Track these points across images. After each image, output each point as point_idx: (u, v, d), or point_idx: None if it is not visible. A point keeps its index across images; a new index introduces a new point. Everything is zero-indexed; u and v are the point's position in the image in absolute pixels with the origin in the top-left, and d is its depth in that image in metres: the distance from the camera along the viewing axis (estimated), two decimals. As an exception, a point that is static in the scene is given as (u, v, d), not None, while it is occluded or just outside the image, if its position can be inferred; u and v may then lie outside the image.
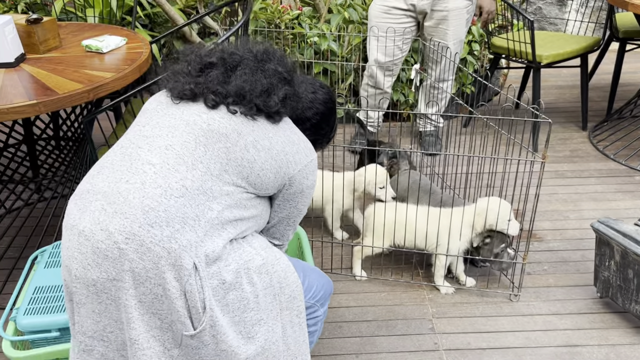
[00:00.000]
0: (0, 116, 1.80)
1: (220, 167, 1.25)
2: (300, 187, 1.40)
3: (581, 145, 3.42)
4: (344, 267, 2.43)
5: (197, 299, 1.19)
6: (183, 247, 1.17)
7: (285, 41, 3.59)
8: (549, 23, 5.00)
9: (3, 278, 2.33)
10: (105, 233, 1.18)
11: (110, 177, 1.24)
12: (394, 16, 3.01)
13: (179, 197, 1.20)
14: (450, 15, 2.94)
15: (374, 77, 3.17)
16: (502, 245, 2.18)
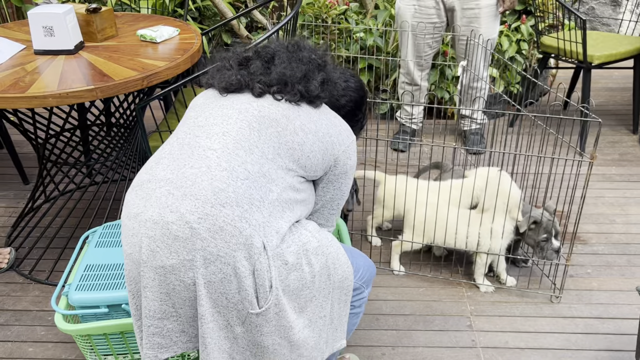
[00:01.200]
0: (60, 100, 1.89)
1: (273, 150, 1.30)
2: (344, 168, 1.45)
3: (631, 148, 3.33)
4: (383, 261, 2.45)
5: (265, 277, 1.23)
6: (253, 226, 1.22)
7: (331, 36, 3.61)
8: (602, 23, 4.87)
9: (55, 256, 2.44)
10: (176, 215, 1.22)
11: (171, 165, 1.28)
12: (424, 14, 2.99)
13: (244, 179, 1.24)
14: (482, 13, 2.91)
15: (410, 74, 3.17)
16: (545, 235, 2.14)
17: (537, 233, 2.16)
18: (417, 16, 3.01)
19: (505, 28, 3.62)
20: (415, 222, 2.28)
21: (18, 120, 2.36)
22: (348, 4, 3.72)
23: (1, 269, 2.37)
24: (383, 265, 2.42)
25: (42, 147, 2.40)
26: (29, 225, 2.61)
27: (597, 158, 3.20)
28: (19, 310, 2.20)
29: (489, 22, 2.95)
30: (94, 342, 1.82)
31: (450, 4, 2.95)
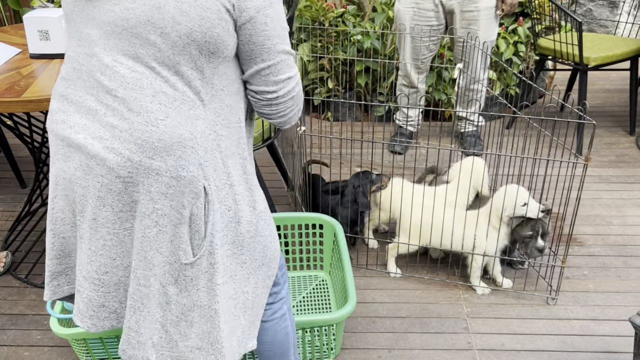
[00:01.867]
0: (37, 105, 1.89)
1: (171, 56, 1.13)
2: (255, 7, 1.14)
3: (628, 150, 3.33)
4: (379, 264, 2.45)
5: (201, 223, 1.20)
6: (191, 173, 1.17)
7: (328, 39, 3.62)
8: (599, 25, 4.88)
9: (52, 260, 2.44)
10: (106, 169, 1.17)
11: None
12: (423, 17, 3.00)
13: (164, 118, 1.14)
14: (481, 16, 2.91)
15: (408, 77, 3.18)
16: (530, 232, 2.14)
17: (523, 228, 2.16)
18: (416, 18, 3.01)
19: (503, 30, 3.62)
20: (410, 225, 2.28)
21: (14, 124, 2.36)
22: (345, 6, 3.72)
23: (-2, 272, 2.37)
24: (380, 267, 2.42)
25: (39, 150, 2.40)
26: (26, 229, 2.61)
27: (591, 160, 3.20)
28: (15, 314, 2.20)
29: (487, 24, 2.95)
30: (89, 346, 1.83)
31: (449, 7, 2.95)
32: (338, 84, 3.68)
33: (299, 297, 2.23)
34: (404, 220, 2.31)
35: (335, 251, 2.22)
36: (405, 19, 3.04)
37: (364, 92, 3.70)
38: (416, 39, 3.06)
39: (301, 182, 2.52)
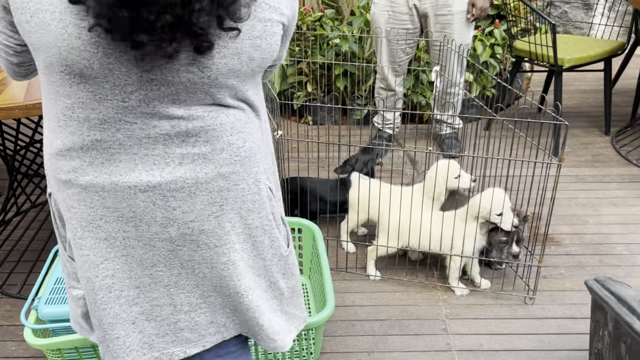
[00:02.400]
0: (27, 111, 1.87)
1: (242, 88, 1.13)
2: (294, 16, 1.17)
3: (603, 150, 3.38)
4: (359, 267, 2.45)
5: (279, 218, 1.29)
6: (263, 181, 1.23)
7: (306, 42, 3.62)
8: (575, 27, 4.95)
9: (27, 269, 2.41)
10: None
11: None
12: (397, 20, 3.02)
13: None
14: (454, 19, 2.93)
15: (386, 80, 3.19)
16: (504, 238, 2.16)
17: (497, 233, 2.19)
18: (391, 22, 3.03)
19: (479, 32, 3.66)
20: (389, 226, 2.29)
21: (-13, 132, 2.33)
22: (323, 10, 3.73)
23: (-29, 283, 2.33)
24: (359, 270, 2.43)
25: (12, 159, 2.37)
26: (0, 238, 2.58)
27: (565, 160, 3.24)
28: (-11, 325, 2.16)
29: (461, 27, 2.98)
30: (65, 356, 1.80)
31: (423, 10, 2.97)
32: (317, 87, 3.68)
33: (279, 302, 2.23)
34: (382, 221, 2.32)
35: (314, 255, 2.22)
36: (380, 22, 3.06)
37: (343, 95, 3.71)
38: (392, 42, 3.08)
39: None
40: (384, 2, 3.01)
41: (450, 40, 2.97)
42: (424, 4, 2.94)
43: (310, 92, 3.67)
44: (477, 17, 2.95)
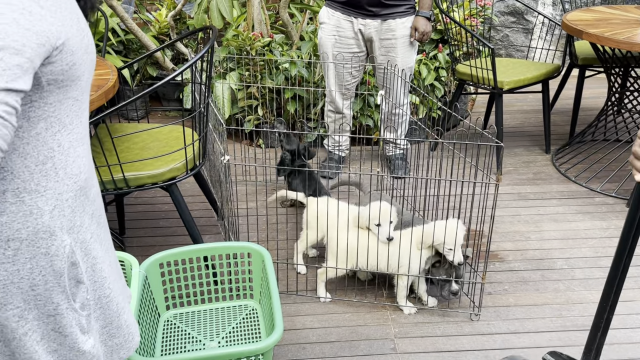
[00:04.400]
0: None
1: None
2: None
3: (544, 168, 3.52)
4: (309, 289, 2.47)
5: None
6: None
7: (255, 67, 3.66)
8: (516, 50, 5.17)
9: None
10: None
11: None
12: (344, 45, 3.10)
13: None
14: (398, 43, 3.04)
15: (334, 103, 3.26)
16: (444, 276, 2.24)
17: (438, 271, 2.26)
18: (338, 46, 3.10)
19: (424, 57, 3.78)
20: (338, 248, 2.32)
21: None
22: (272, 36, 3.78)
23: None
24: (310, 293, 2.44)
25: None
26: None
27: (503, 180, 3.36)
28: None
29: (405, 51, 3.07)
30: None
31: (368, 35, 3.06)
32: (268, 111, 3.72)
33: (229, 327, 2.22)
34: (331, 243, 2.35)
35: (264, 279, 2.23)
36: (327, 46, 3.13)
37: (294, 118, 3.75)
38: (339, 66, 3.15)
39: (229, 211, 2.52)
40: (330, 27, 3.09)
41: (394, 65, 3.06)
42: (369, 29, 3.03)
43: (261, 116, 3.70)
44: (419, 40, 3.05)
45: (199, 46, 4.24)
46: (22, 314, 1.04)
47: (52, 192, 1.03)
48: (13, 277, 1.01)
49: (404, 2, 2.99)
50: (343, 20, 3.05)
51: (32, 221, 1.01)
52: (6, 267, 1.00)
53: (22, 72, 0.89)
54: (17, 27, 0.89)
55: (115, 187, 2.19)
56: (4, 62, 0.87)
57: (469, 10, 3.99)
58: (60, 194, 1.05)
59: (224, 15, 3.62)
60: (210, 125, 2.61)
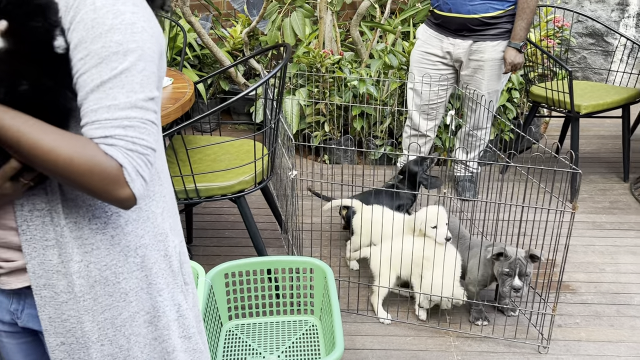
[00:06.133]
0: None
1: None
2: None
3: (622, 196, 3.34)
4: (370, 310, 2.44)
5: None
6: None
7: (324, 84, 3.69)
8: (594, 73, 4.97)
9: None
10: None
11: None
12: (430, 62, 3.07)
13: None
14: (486, 66, 2.97)
15: (412, 119, 3.23)
16: (507, 270, 2.15)
17: (501, 265, 2.17)
18: (425, 62, 3.08)
19: (496, 77, 3.70)
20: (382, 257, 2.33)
21: None
22: (342, 53, 3.82)
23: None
24: (371, 313, 2.41)
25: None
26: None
27: (579, 208, 3.21)
28: None
29: (491, 75, 2.99)
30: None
31: (457, 56, 3.01)
32: (334, 127, 3.74)
33: (289, 342, 2.22)
34: (374, 259, 2.38)
35: (325, 296, 2.22)
36: (414, 61, 3.13)
37: (360, 135, 3.75)
38: (424, 84, 3.12)
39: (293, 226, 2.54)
40: (421, 43, 3.09)
41: (479, 87, 3.00)
42: (458, 49, 2.98)
43: (327, 132, 3.72)
44: (508, 72, 2.97)
45: (271, 62, 4.33)
46: (152, 320, 1.06)
47: (159, 195, 1.06)
48: (142, 283, 1.03)
49: (495, 27, 2.91)
50: (434, 38, 3.03)
51: (150, 225, 1.03)
52: (137, 275, 1.02)
53: (156, 78, 0.93)
54: (147, 35, 0.91)
55: (187, 197, 2.25)
56: (147, 70, 0.90)
57: (546, 31, 3.88)
58: (164, 196, 1.07)
59: (296, 32, 3.68)
60: (279, 140, 2.65)
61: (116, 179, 0.87)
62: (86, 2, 0.87)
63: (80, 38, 0.87)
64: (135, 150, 0.89)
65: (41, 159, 0.85)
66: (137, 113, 0.89)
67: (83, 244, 0.97)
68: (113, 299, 1.00)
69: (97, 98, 0.87)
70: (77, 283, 0.97)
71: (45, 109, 0.87)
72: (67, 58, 0.88)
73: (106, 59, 0.87)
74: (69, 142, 0.86)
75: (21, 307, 1.04)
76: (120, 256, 1.00)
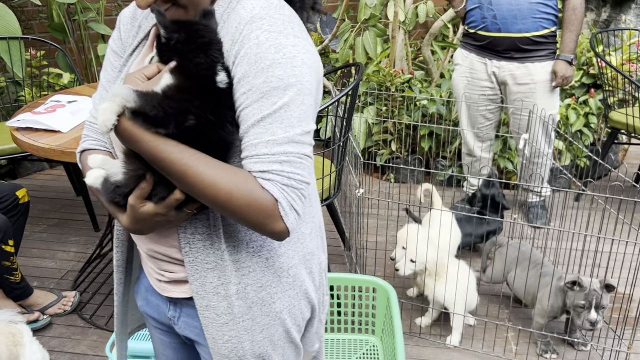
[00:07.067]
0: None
1: None
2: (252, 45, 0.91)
3: None
4: (433, 334, 2.39)
5: None
6: None
7: (394, 103, 3.69)
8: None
9: (116, 303, 2.55)
10: None
11: None
12: (477, 88, 3.01)
13: None
14: (537, 89, 2.87)
15: (467, 145, 3.18)
16: (583, 302, 2.04)
17: (575, 296, 2.08)
18: (470, 88, 3.03)
19: (573, 101, 3.58)
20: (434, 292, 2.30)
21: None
22: (413, 73, 3.81)
23: (65, 311, 2.50)
24: (433, 337, 2.37)
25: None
26: (95, 271, 2.76)
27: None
28: (77, 353, 2.30)
29: (545, 98, 2.90)
30: (141, 391, 1.88)
31: (502, 78, 2.94)
32: (401, 147, 3.72)
33: (349, 361, 2.22)
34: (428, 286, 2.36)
35: (387, 317, 2.20)
36: (459, 88, 3.07)
37: (428, 156, 3.72)
38: (472, 108, 3.07)
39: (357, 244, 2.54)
40: (463, 69, 3.04)
41: (540, 109, 2.91)
42: (504, 72, 2.92)
43: (394, 151, 3.71)
44: (559, 86, 2.87)
45: (341, 80, 4.38)
46: (299, 331, 1.11)
47: (309, 216, 1.09)
48: (294, 301, 1.07)
49: (544, 47, 2.84)
50: (477, 62, 2.98)
51: (300, 246, 1.07)
52: (289, 294, 1.06)
53: (313, 112, 0.95)
54: (307, 67, 0.92)
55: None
56: (304, 104, 0.92)
57: (628, 55, 3.72)
58: (313, 217, 1.10)
59: (368, 51, 3.71)
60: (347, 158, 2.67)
61: (271, 213, 0.90)
62: (250, 37, 0.90)
63: (244, 72, 0.90)
64: (291, 186, 0.91)
65: (203, 193, 0.89)
66: (294, 148, 0.91)
67: (241, 267, 1.01)
68: (270, 319, 1.04)
69: (257, 133, 0.90)
70: (236, 305, 1.01)
71: (209, 143, 0.91)
72: (229, 93, 0.92)
73: (267, 94, 0.89)
74: (230, 177, 0.89)
75: (178, 315, 1.11)
76: (275, 277, 1.03)
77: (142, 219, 0.94)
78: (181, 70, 0.91)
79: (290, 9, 0.95)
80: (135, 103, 0.87)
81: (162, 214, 0.93)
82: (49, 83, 3.63)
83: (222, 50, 0.92)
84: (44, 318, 2.45)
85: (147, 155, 0.90)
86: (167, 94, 0.89)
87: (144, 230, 0.98)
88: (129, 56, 1.07)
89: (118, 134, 0.91)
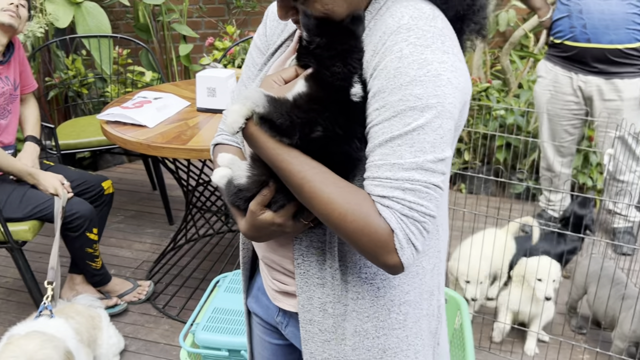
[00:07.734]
0: (198, 153, 2.08)
1: None
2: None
3: None
4: (504, 349, 2.32)
5: None
6: None
7: (470, 112, 3.62)
8: None
9: (188, 294, 2.63)
10: None
11: None
12: (562, 102, 2.89)
13: None
14: (625, 106, 2.72)
15: (546, 159, 3.06)
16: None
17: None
18: (553, 102, 2.92)
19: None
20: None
21: (175, 167, 2.63)
22: (490, 81, 3.72)
23: (140, 299, 2.60)
24: (503, 352, 2.30)
25: (191, 193, 2.64)
26: (169, 263, 2.85)
27: None
28: (149, 341, 2.38)
29: (634, 116, 2.76)
30: (211, 382, 1.92)
31: (588, 93, 2.81)
32: (475, 156, 3.64)
33: (416, 370, 2.18)
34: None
35: (457, 329, 2.15)
36: (542, 101, 2.96)
37: (503, 167, 3.62)
38: (553, 122, 2.95)
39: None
40: (547, 81, 2.92)
41: (629, 124, 2.77)
42: (590, 86, 2.78)
43: (467, 161, 3.64)
44: None
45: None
46: None
47: (434, 250, 0.99)
48: (402, 344, 0.98)
49: (634, 61, 2.69)
50: (561, 75, 2.85)
51: (418, 282, 0.97)
52: (397, 334, 0.97)
53: (451, 137, 0.85)
54: (451, 87, 0.82)
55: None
56: (442, 128, 0.82)
57: None
58: (439, 251, 1.00)
59: (445, 58, 3.65)
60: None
61: (385, 244, 0.82)
62: (393, 49, 0.82)
63: (380, 87, 0.83)
64: (411, 217, 0.82)
65: (317, 208, 0.85)
66: (422, 176, 0.81)
67: (350, 289, 0.95)
68: (370, 354, 0.97)
69: (383, 153, 0.83)
70: (341, 326, 0.96)
71: (333, 157, 0.86)
72: (362, 107, 0.86)
73: (401, 113, 0.81)
74: (346, 198, 0.83)
75: (286, 322, 1.09)
76: (384, 310, 0.95)
77: (259, 226, 0.92)
78: (316, 78, 0.87)
79: (444, 19, 0.87)
80: (264, 109, 0.85)
81: (279, 223, 0.91)
82: (132, 80, 3.79)
83: (362, 59, 0.87)
84: (121, 304, 2.55)
85: (269, 162, 0.88)
86: (297, 103, 0.86)
87: (261, 238, 0.96)
88: (271, 55, 1.04)
89: (244, 136, 0.89)
